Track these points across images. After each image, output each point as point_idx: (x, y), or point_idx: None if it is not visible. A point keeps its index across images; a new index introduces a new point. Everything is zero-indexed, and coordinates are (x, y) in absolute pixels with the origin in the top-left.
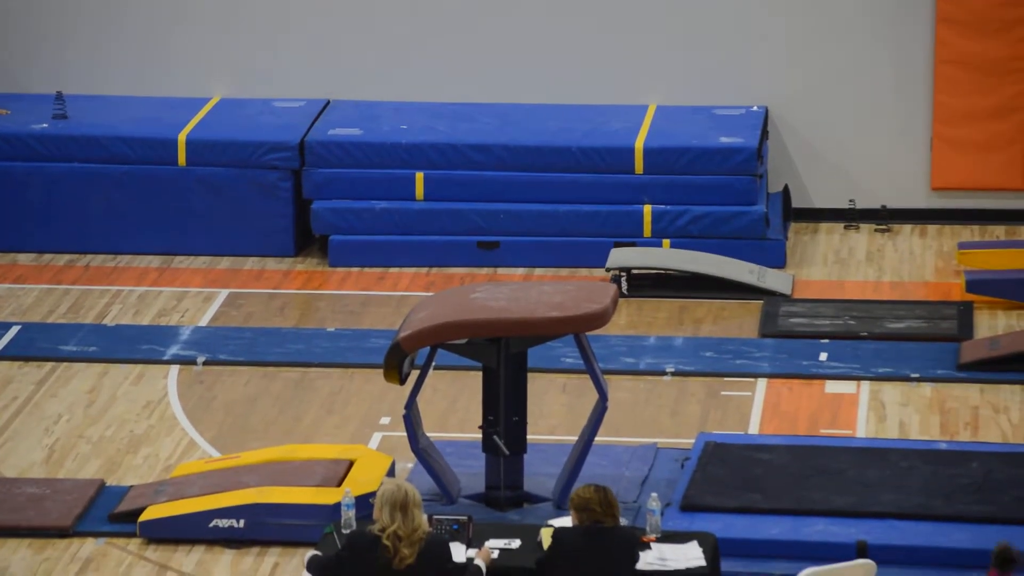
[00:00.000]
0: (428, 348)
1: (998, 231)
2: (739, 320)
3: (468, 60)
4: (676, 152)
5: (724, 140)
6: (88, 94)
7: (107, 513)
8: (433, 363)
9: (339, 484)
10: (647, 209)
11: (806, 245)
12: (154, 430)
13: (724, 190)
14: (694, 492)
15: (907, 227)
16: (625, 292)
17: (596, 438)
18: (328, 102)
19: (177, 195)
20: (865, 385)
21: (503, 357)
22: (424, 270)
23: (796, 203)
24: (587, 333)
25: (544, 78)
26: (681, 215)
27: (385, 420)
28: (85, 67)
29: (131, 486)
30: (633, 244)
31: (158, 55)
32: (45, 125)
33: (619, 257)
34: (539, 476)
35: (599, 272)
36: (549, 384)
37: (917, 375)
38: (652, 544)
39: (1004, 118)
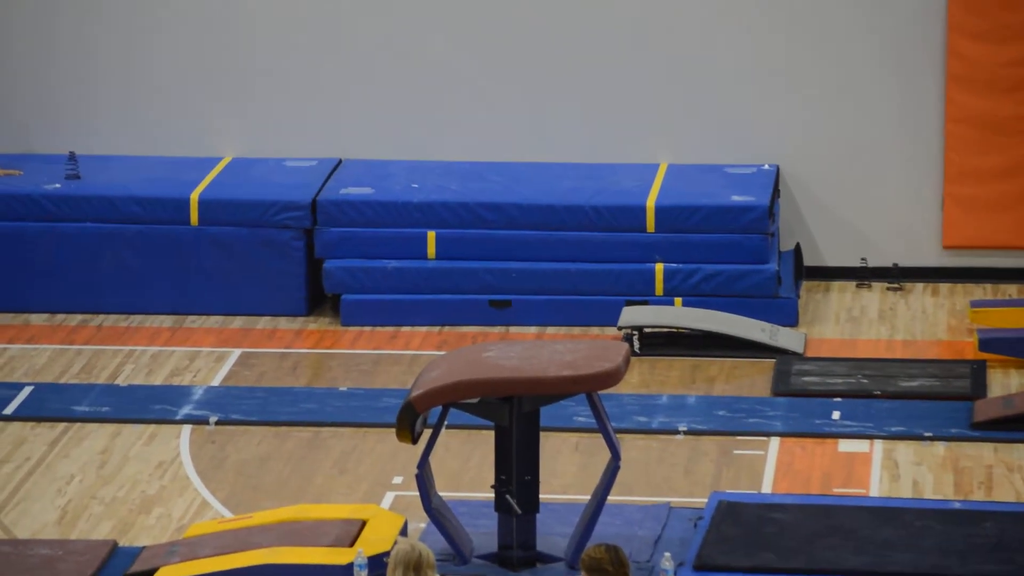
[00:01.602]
0: (440, 407)
1: (1011, 290)
2: (751, 379)
3: (479, 119)
4: (688, 210)
5: (736, 198)
6: (100, 154)
7: (120, 574)
8: (445, 422)
9: (351, 544)
10: (659, 267)
11: (818, 303)
12: (167, 490)
13: (736, 248)
14: (707, 552)
15: (919, 285)
16: (637, 351)
17: (609, 497)
18: (340, 161)
19: (189, 255)
20: (878, 444)
21: (515, 416)
22: (436, 329)
23: (808, 261)
24: (599, 392)
25: (555, 137)
26: (693, 273)
27: (397, 480)
28: (97, 128)
29: (144, 547)
30: (645, 302)
31: (169, 115)
32: (58, 185)
33: (631, 315)
34: (552, 536)
35: (611, 331)
36: (561, 443)
37: (930, 434)
38: None
39: (1015, 176)
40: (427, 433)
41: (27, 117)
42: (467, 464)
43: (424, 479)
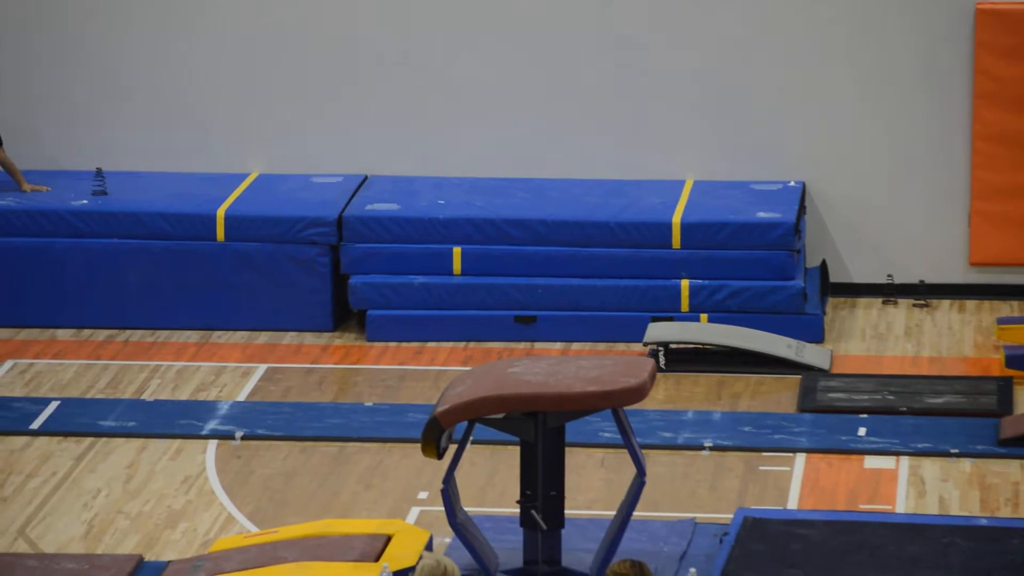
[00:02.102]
0: (466, 423)
1: None
2: (777, 395)
3: (504, 136)
4: (713, 227)
5: (761, 215)
6: (127, 170)
7: None
8: (471, 437)
9: (377, 559)
10: (684, 284)
11: (844, 320)
12: (192, 505)
13: (762, 265)
14: (733, 568)
15: (945, 302)
16: (663, 367)
17: (634, 513)
18: (366, 177)
19: (215, 270)
20: (904, 460)
21: (541, 432)
22: (461, 344)
23: (834, 278)
24: (625, 407)
25: (580, 153)
26: (719, 290)
27: (423, 495)
28: (124, 144)
29: (169, 561)
30: (671, 319)
31: (196, 131)
32: (85, 201)
33: (657, 332)
34: (577, 551)
35: (636, 347)
36: (587, 459)
37: (957, 450)
38: None
39: None
40: (452, 448)
41: (54, 133)
42: (492, 479)
43: (449, 494)
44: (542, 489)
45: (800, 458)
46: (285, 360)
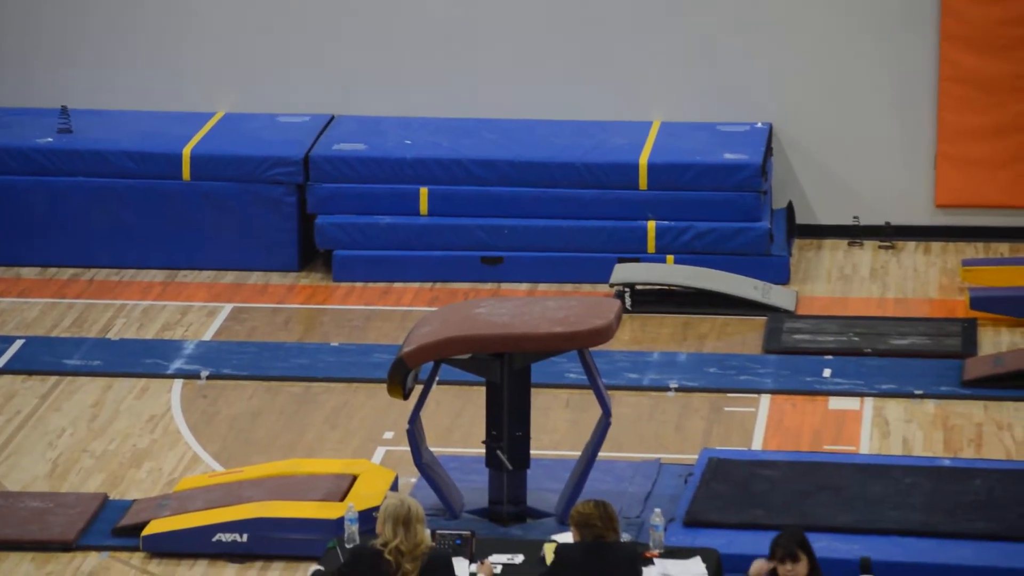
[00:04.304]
0: (432, 363)
1: (1002, 248)
2: (743, 336)
3: (472, 76)
4: (680, 168)
5: (728, 156)
6: (93, 108)
7: (110, 527)
8: (436, 378)
9: (342, 499)
10: (651, 225)
11: (810, 261)
12: (157, 444)
13: (728, 206)
14: (697, 508)
15: (911, 244)
16: (629, 308)
17: (599, 453)
18: (332, 117)
19: (181, 209)
20: (868, 401)
21: (506, 372)
22: (428, 285)
23: (800, 219)
24: (591, 349)
25: (548, 94)
26: (685, 231)
27: (388, 435)
28: (90, 81)
29: (134, 500)
30: (637, 260)
31: (163, 70)
32: (50, 139)
33: (623, 273)
34: (542, 491)
35: (603, 288)
36: (553, 399)
37: (921, 392)
38: (655, 560)
39: (1008, 136)
40: (418, 389)
41: (19, 71)
42: (458, 420)
43: (415, 434)
44: (508, 429)
45: (765, 399)
46: (251, 300)
